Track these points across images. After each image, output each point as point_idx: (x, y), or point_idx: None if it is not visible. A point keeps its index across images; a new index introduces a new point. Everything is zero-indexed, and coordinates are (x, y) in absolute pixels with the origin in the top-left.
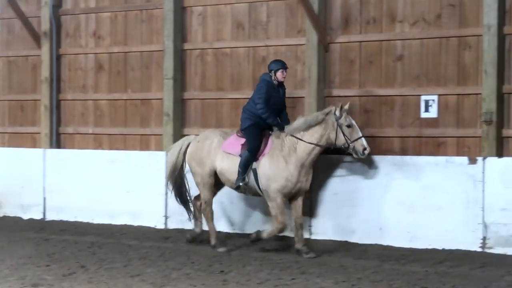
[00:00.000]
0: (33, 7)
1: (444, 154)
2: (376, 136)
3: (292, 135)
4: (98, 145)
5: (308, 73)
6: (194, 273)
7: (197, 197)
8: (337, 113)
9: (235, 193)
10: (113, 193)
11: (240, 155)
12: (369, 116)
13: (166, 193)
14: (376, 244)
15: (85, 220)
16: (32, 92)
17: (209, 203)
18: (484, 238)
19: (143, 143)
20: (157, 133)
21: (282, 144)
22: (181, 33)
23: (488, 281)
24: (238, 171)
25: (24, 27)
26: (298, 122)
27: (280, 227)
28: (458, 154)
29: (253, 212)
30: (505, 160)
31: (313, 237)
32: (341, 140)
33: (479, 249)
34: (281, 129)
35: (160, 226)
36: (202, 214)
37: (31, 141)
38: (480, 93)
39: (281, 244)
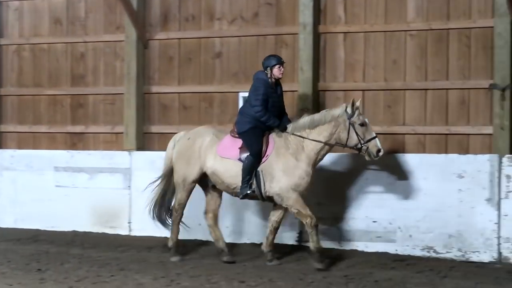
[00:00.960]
0: None
1: None
2: None
3: (296, 134)
4: None
5: (127, 69)
6: (10, 272)
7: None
8: (349, 110)
9: None
10: None
11: (240, 159)
12: (188, 112)
13: None
14: (196, 240)
15: None
16: None
17: (182, 206)
18: (300, 232)
19: None
20: None
21: (286, 142)
22: None
23: (304, 273)
24: (243, 178)
25: None
26: (304, 120)
27: (310, 221)
28: None
29: None
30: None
31: (132, 233)
32: (353, 140)
33: (296, 243)
34: (284, 129)
35: None
36: (173, 217)
37: None
38: (296, 90)
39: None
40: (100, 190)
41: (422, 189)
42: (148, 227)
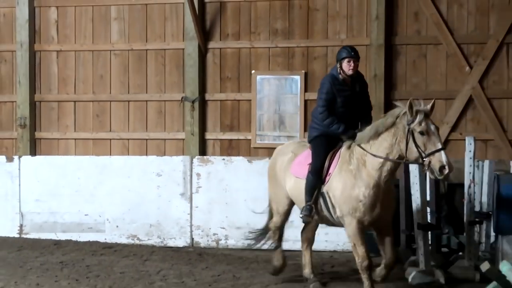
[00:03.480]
0: None
1: None
2: None
3: (361, 146)
4: None
5: None
6: None
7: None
8: (410, 113)
9: None
10: None
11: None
12: None
13: None
14: None
15: None
16: None
17: (279, 227)
18: (21, 226)
19: None
20: None
21: (350, 156)
22: None
23: (24, 261)
24: (305, 199)
25: None
26: (369, 127)
27: (361, 262)
28: None
29: None
30: (38, 158)
31: None
32: (412, 153)
33: (17, 235)
34: (352, 137)
35: None
36: (272, 240)
37: None
38: (15, 101)
39: None
40: None
41: (127, 186)
42: None
